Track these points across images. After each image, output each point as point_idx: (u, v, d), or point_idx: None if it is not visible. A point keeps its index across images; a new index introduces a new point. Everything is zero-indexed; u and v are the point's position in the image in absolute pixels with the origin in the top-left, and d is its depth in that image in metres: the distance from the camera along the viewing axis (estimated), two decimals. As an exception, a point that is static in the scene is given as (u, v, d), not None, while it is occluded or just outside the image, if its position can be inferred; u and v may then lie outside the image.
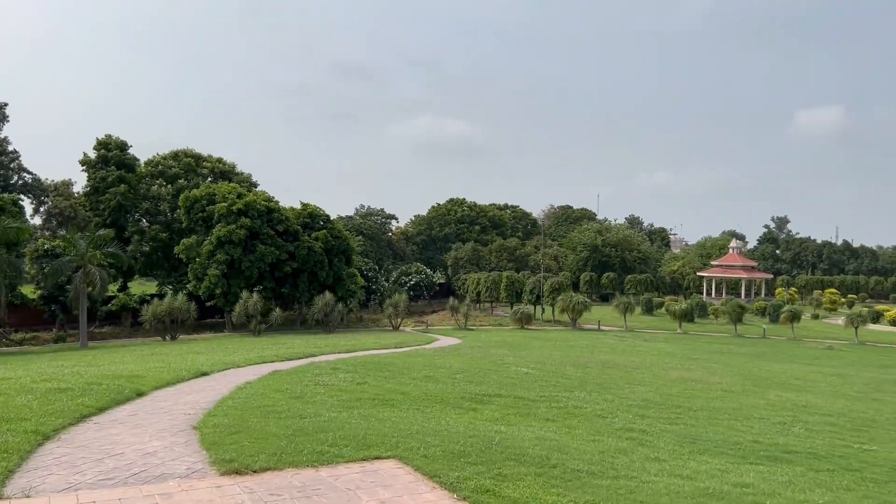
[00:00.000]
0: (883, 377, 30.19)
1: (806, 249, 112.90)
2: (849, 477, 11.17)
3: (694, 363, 31.38)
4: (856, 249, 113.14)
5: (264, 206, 55.35)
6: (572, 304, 57.05)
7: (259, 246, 52.96)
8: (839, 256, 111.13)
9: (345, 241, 59.98)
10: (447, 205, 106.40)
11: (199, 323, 54.03)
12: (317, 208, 61.29)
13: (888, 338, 55.39)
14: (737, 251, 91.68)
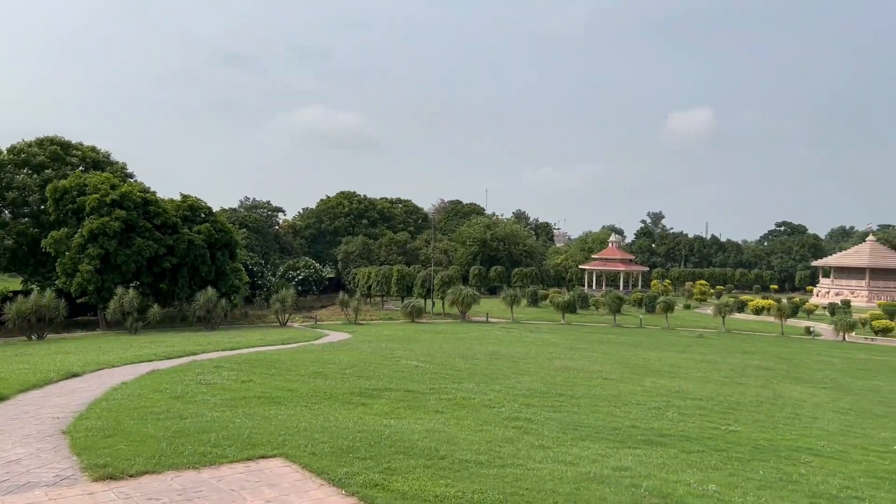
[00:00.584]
0: (746, 362, 32.46)
1: (679, 244, 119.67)
2: (716, 457, 11.93)
3: (576, 352, 32.56)
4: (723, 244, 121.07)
5: (140, 198, 52.59)
6: (462, 298, 57.83)
7: (136, 239, 50.30)
8: (708, 250, 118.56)
9: (228, 234, 58.00)
10: (337, 198, 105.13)
11: (70, 321, 50.67)
12: (198, 200, 58.90)
13: (751, 326, 59.65)
14: (616, 245, 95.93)
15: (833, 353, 41.61)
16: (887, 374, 32.34)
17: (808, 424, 16.52)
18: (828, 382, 27.07)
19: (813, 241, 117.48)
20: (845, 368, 33.55)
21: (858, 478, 11.22)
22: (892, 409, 20.99)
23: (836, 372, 31.53)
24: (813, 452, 13.06)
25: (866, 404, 21.59)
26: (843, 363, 35.97)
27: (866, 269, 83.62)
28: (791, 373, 29.81)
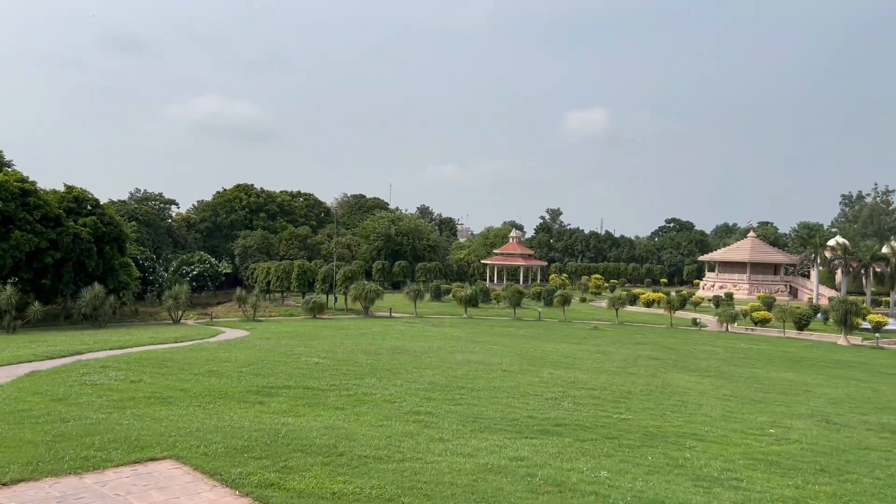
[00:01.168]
0: (638, 353, 33.86)
1: (576, 239, 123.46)
2: (609, 444, 12.37)
3: (478, 346, 33.01)
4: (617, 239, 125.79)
5: (18, 188, 49.21)
6: (365, 293, 57.46)
7: (14, 232, 47.05)
8: (603, 245, 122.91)
9: (117, 227, 55.21)
10: (234, 191, 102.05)
11: (-62, 321, 46.87)
12: (84, 192, 55.73)
13: (642, 318, 62.30)
14: (516, 240, 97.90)
15: (717, 343, 44.02)
16: (765, 362, 34.51)
17: (694, 411, 17.40)
18: (712, 371, 28.60)
19: (699, 237, 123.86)
20: (728, 357, 35.56)
21: (738, 460, 11.91)
22: (769, 394, 22.41)
23: (720, 361, 33.36)
24: (697, 437, 13.76)
25: (746, 391, 22.95)
26: (726, 352, 38.11)
27: (747, 263, 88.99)
28: (679, 362, 31.30)
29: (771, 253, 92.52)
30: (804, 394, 23.07)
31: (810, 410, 19.00)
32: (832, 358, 38.54)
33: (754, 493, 9.52)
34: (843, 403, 21.36)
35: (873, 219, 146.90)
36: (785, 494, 9.63)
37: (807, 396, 22.42)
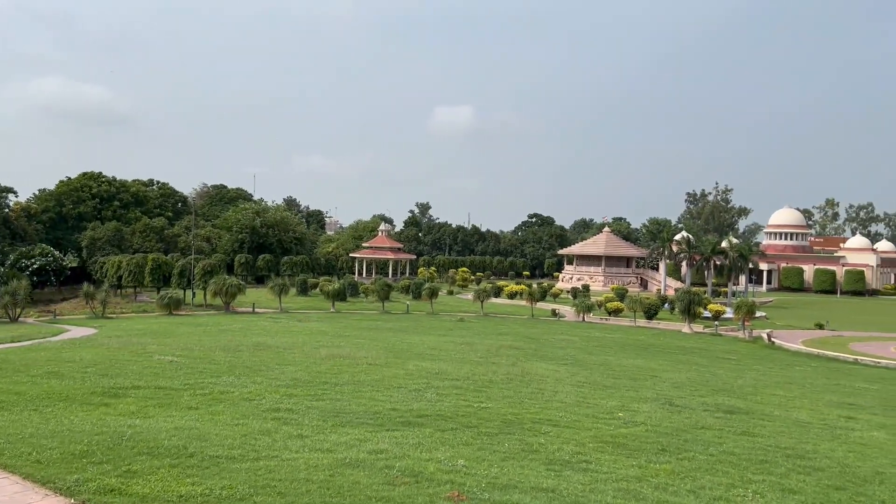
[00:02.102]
0: (500, 343, 34.83)
1: (444, 233, 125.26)
2: (468, 433, 12.62)
3: (344, 340, 32.71)
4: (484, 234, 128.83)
5: None
6: (225, 287, 55.36)
7: None
8: (471, 239, 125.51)
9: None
10: (80, 179, 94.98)
11: None
12: None
13: (506, 309, 64.18)
14: (385, 234, 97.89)
15: (574, 332, 46.11)
16: (617, 349, 36.55)
17: (550, 398, 18.11)
18: (568, 359, 29.91)
19: (559, 231, 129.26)
20: (583, 346, 37.34)
21: (588, 443, 12.51)
22: (619, 380, 23.75)
23: (576, 349, 34.97)
24: (552, 423, 14.33)
25: (599, 377, 24.20)
26: (582, 341, 40.02)
27: (602, 257, 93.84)
28: (538, 351, 32.51)
29: (624, 247, 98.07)
30: (651, 379, 24.62)
31: (655, 394, 20.30)
32: (677, 345, 41.43)
33: (601, 474, 10.03)
34: (685, 387, 23.00)
35: (714, 215, 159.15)
36: (629, 474, 10.21)
37: (653, 381, 23.94)
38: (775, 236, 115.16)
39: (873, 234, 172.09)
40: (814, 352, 40.52)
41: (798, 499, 9.57)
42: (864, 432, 16.21)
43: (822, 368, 33.72)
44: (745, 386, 24.49)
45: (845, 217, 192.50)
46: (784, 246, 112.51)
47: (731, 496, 9.40)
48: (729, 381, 25.51)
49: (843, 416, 18.73)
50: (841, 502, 9.59)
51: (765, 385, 25.25)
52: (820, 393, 23.92)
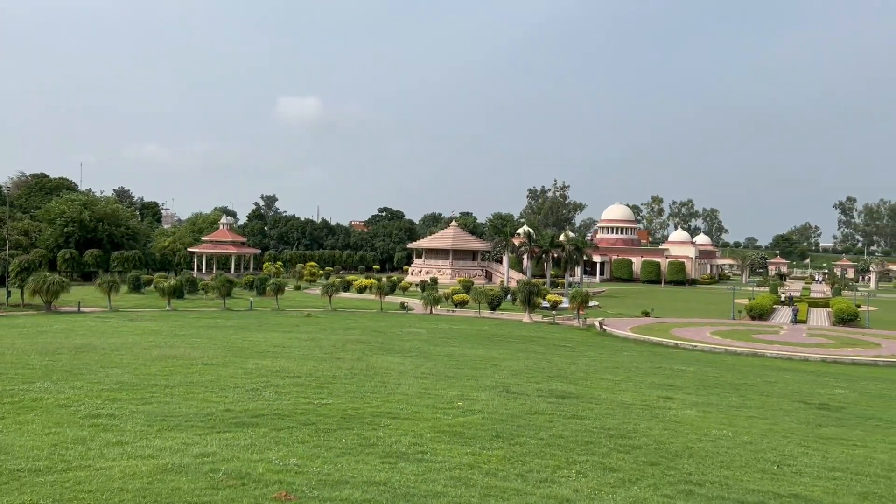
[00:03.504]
0: (347, 338, 34.52)
1: (292, 227, 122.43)
2: (305, 431, 12.34)
3: (179, 339, 31.04)
4: (333, 227, 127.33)
5: None
6: (46, 285, 50.79)
7: None
8: (320, 233, 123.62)
9: None
10: None
11: None
12: None
13: (355, 303, 63.83)
14: (227, 227, 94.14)
15: (422, 325, 46.68)
16: (462, 340, 37.41)
17: (392, 391, 18.15)
18: (414, 351, 30.20)
19: (409, 225, 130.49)
20: (430, 338, 37.89)
21: (426, 434, 12.64)
22: (461, 370, 24.27)
23: (422, 342, 35.39)
24: (392, 416, 14.35)
25: (442, 368, 24.61)
26: (429, 333, 40.60)
27: (450, 250, 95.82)
28: (385, 345, 32.56)
29: (470, 241, 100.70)
30: (491, 367, 25.38)
31: (494, 382, 20.94)
32: (517, 334, 43.09)
33: (435, 464, 10.16)
34: (523, 374, 23.92)
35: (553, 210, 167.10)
36: (462, 462, 10.41)
37: (493, 370, 24.69)
38: (608, 230, 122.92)
39: (693, 228, 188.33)
40: (640, 338, 43.59)
41: (617, 476, 10.19)
42: (678, 411, 17.60)
43: (646, 353, 36.33)
44: (577, 372, 25.87)
45: (669, 213, 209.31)
46: (615, 239, 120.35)
47: (557, 477, 9.84)
48: (563, 368, 26.84)
49: (662, 396, 20.25)
50: (654, 476, 10.31)
51: (595, 370, 26.81)
52: (643, 376, 25.74)
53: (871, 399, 23.03)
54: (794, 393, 23.32)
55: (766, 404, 20.24)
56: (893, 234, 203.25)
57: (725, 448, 12.97)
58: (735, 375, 27.83)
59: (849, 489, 10.49)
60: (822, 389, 24.64)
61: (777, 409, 19.45)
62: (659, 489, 9.59)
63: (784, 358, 36.66)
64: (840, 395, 23.37)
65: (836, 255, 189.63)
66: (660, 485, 9.82)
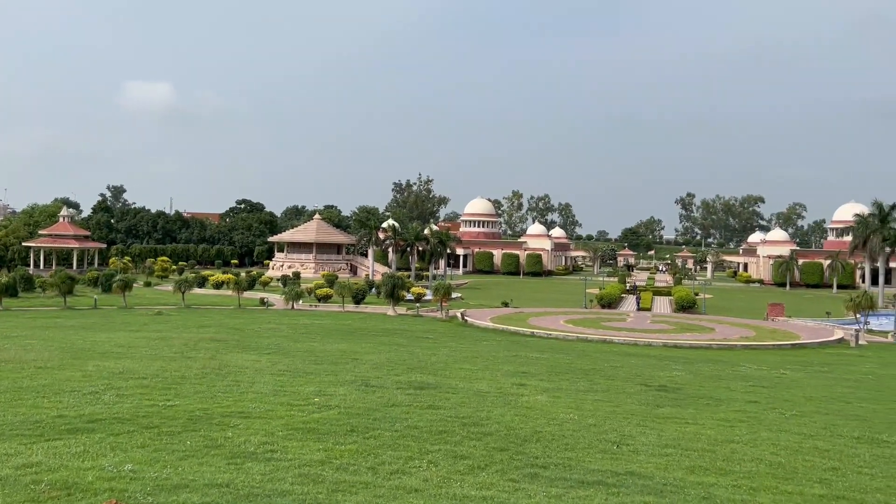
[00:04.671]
0: (200, 336, 33.07)
1: (141, 219, 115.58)
2: (147, 435, 11.67)
3: (10, 342, 28.46)
4: (188, 220, 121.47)
5: None
6: None
7: None
8: (173, 226, 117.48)
9: None
10: None
11: None
12: None
13: (211, 300, 61.26)
14: (68, 220, 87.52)
15: (282, 321, 45.54)
16: (324, 335, 36.86)
17: (246, 389, 17.57)
18: (273, 348, 29.41)
19: (270, 217, 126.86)
20: (290, 334, 37.03)
21: (278, 432, 12.32)
22: (321, 366, 23.92)
23: (282, 338, 34.53)
24: (243, 415, 13.88)
25: (301, 364, 24.13)
26: (290, 329, 39.67)
27: (314, 244, 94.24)
28: (242, 342, 31.48)
29: (334, 234, 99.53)
30: (352, 362, 25.21)
31: (354, 377, 20.81)
32: (381, 327, 43.07)
33: (285, 462, 9.93)
34: (384, 367, 23.92)
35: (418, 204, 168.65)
36: (313, 458, 10.24)
37: (354, 364, 24.53)
38: (470, 224, 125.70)
39: (549, 222, 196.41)
40: (499, 327, 44.88)
41: (467, 463, 10.40)
42: (530, 397, 18.26)
43: (505, 342, 37.45)
44: (437, 362, 26.23)
45: (528, 207, 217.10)
46: (478, 233, 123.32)
47: (408, 468, 9.90)
48: (424, 359, 27.12)
49: (516, 383, 20.93)
50: (502, 462, 10.62)
51: (455, 360, 27.30)
52: (500, 364, 26.51)
53: (704, 380, 24.95)
54: (637, 376, 24.84)
55: (612, 388, 21.44)
56: (727, 227, 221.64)
57: (571, 431, 13.59)
58: (585, 361, 29.27)
59: (678, 464, 11.30)
60: (663, 372, 26.41)
61: (621, 391, 20.63)
62: (506, 474, 9.88)
63: (630, 343, 38.98)
64: (677, 377, 25.15)
65: (677, 246, 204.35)
66: (507, 469, 10.12)
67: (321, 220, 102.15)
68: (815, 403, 19.79)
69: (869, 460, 12.59)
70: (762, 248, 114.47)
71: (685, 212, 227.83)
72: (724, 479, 10.55)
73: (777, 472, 11.26)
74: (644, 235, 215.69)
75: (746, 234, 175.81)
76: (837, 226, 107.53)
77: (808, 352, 36.77)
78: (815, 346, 38.86)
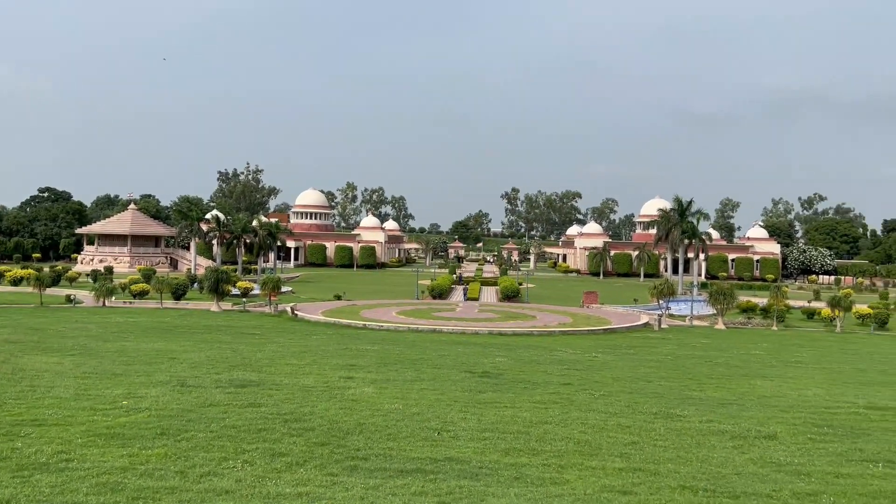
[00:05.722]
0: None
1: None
2: (-87, 451, 10.25)
3: None
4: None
5: None
6: None
7: None
8: None
9: None
10: None
11: None
12: None
13: (8, 298, 55.11)
14: None
15: (91, 319, 42.05)
16: (139, 334, 34.46)
17: (43, 395, 16.00)
18: (78, 349, 27.05)
19: (78, 207, 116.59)
20: (100, 333, 34.24)
21: (77, 439, 11.31)
22: (132, 366, 22.31)
23: (90, 338, 31.86)
24: (37, 423, 12.62)
25: (110, 365, 22.39)
26: (99, 328, 36.69)
27: (128, 236, 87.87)
28: (42, 343, 28.68)
29: (152, 225, 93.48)
30: (168, 361, 23.79)
31: (169, 377, 19.63)
32: (204, 324, 41.01)
33: (81, 471, 9.12)
34: (203, 366, 22.79)
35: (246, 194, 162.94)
36: (115, 465, 9.51)
37: (171, 363, 23.16)
38: (302, 216, 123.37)
39: (383, 214, 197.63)
40: (331, 320, 44.35)
41: (285, 460, 10.12)
42: (357, 389, 18.19)
43: (335, 335, 37.06)
44: (263, 359, 25.41)
45: (362, 199, 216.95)
46: (310, 225, 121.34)
47: (221, 469, 9.45)
48: (249, 356, 26.17)
49: (343, 376, 20.76)
50: (322, 456, 10.45)
51: (282, 356, 26.59)
52: (329, 358, 26.19)
53: (524, 365, 26.17)
54: (462, 364, 25.56)
55: (438, 376, 21.88)
56: (549, 220, 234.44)
57: (395, 421, 13.68)
58: (414, 351, 29.67)
59: (494, 447, 11.72)
60: (486, 359, 27.38)
61: (447, 379, 21.11)
62: (325, 468, 9.73)
63: (458, 332, 40.04)
64: (500, 363, 26.19)
65: (503, 239, 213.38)
66: (326, 464, 9.96)
67: (137, 211, 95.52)
68: (621, 384, 21.39)
69: (664, 433, 13.78)
70: (579, 241, 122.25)
71: (510, 206, 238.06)
72: (536, 458, 11.08)
73: (584, 449, 12.00)
74: (473, 228, 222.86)
75: (566, 228, 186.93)
76: (644, 219, 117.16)
77: (617, 336, 39.74)
78: (624, 331, 42.07)
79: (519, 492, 9.31)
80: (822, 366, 27.56)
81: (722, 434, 13.93)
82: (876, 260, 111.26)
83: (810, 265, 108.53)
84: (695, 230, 78.25)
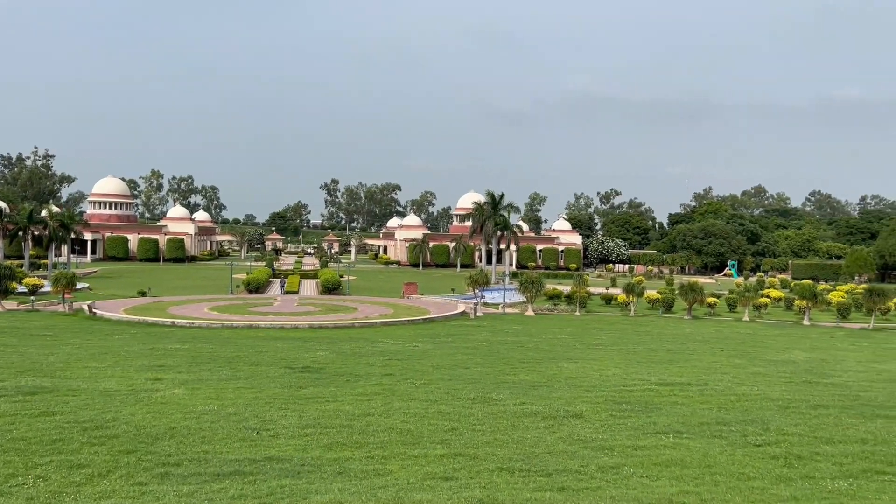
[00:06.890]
0: None
1: None
2: None
3: None
4: None
5: None
6: None
7: None
8: None
9: None
10: None
11: None
12: None
13: None
14: None
15: None
16: None
17: None
18: None
19: None
20: None
21: None
22: None
23: None
24: None
25: None
26: None
27: None
28: None
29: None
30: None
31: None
32: (-17, 326, 36.59)
33: None
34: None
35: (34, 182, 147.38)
36: None
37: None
38: (100, 205, 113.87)
39: (193, 204, 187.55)
40: (135, 319, 41.33)
41: (85, 472, 9.28)
42: (167, 391, 17.07)
43: (140, 335, 34.57)
44: (56, 363, 23.13)
45: (168, 188, 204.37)
46: (109, 215, 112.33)
47: (9, 488, 8.46)
48: (39, 360, 23.71)
49: (150, 378, 19.41)
50: (129, 465, 9.68)
51: (78, 358, 24.36)
52: (134, 359, 24.37)
53: (346, 357, 26.00)
54: (281, 360, 24.88)
55: (256, 374, 21.13)
56: (369, 212, 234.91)
57: (209, 423, 13.00)
58: (229, 349, 28.43)
59: (317, 442, 11.51)
60: (307, 354, 26.88)
61: (265, 377, 20.44)
62: (132, 478, 9.02)
63: (277, 327, 38.95)
64: (321, 357, 25.81)
65: (323, 230, 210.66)
66: (134, 473, 9.25)
67: None
68: (440, 371, 21.93)
69: (481, 418, 14.31)
70: (399, 233, 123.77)
71: (331, 197, 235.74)
72: (359, 451, 11.03)
73: (406, 438, 12.14)
74: (292, 220, 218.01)
75: (386, 220, 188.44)
76: (461, 212, 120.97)
77: (436, 325, 40.73)
78: (443, 320, 43.21)
79: (343, 486, 9.21)
80: (619, 347, 30.07)
81: (534, 415, 14.72)
82: (663, 250, 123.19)
83: (608, 255, 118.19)
84: (507, 223, 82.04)
